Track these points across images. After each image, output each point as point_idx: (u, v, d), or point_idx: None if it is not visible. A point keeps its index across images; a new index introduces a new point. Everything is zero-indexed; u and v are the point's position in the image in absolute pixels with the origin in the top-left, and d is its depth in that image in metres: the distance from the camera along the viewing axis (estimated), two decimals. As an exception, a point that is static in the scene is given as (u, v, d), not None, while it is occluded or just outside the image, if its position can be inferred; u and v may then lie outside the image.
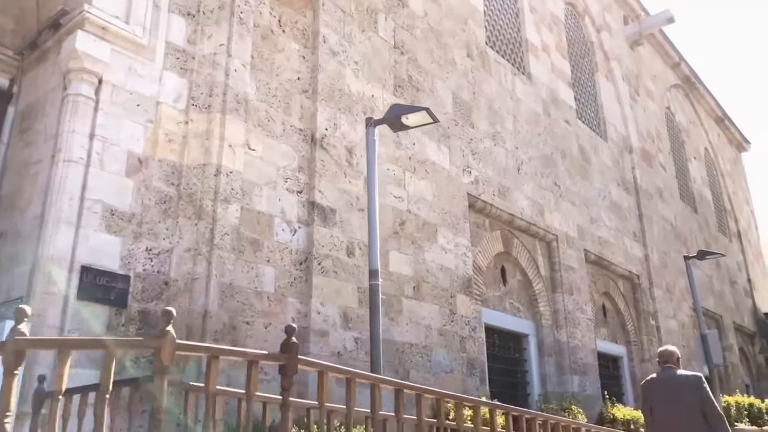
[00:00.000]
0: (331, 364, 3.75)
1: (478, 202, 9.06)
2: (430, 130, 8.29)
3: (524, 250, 10.09)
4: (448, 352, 7.48)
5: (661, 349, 5.83)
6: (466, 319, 8.01)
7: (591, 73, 14.32)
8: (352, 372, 3.70)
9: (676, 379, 5.35)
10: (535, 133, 10.97)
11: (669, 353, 5.58)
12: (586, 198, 12.02)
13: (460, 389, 7.47)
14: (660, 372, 5.55)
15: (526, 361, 9.74)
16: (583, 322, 10.62)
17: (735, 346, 17.94)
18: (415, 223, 7.56)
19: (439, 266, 7.75)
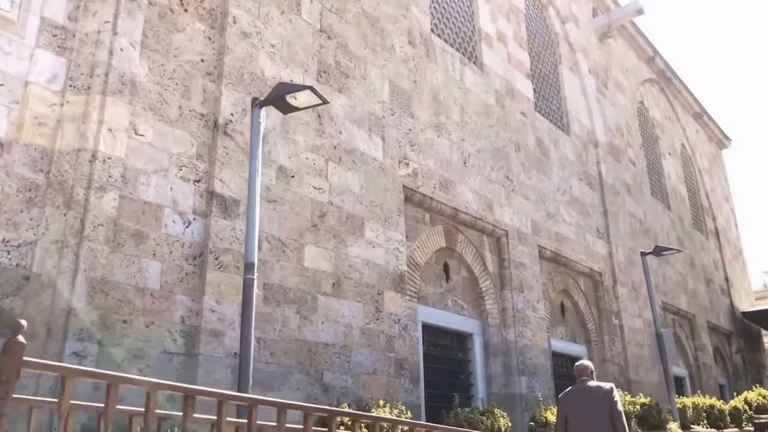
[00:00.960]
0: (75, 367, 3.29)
1: (416, 196, 8.65)
2: (361, 119, 7.89)
3: (470, 245, 9.69)
4: (372, 352, 7.07)
5: (576, 363, 6.35)
6: (396, 317, 7.59)
7: (554, 65, 13.93)
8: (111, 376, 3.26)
9: (588, 389, 5.90)
10: (485, 124, 10.57)
11: (584, 367, 6.16)
12: (543, 192, 11.63)
13: (384, 391, 7.07)
14: (575, 384, 6.09)
15: (470, 361, 9.33)
16: (534, 320, 10.22)
17: (708, 346, 17.58)
18: (337, 216, 7.15)
19: (365, 261, 7.33)
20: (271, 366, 5.98)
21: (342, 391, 6.54)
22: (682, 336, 16.62)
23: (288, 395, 5.97)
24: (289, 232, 6.53)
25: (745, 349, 20.61)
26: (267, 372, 5.93)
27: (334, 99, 7.60)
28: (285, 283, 6.32)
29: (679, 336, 16.47)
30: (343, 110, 7.67)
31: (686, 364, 16.54)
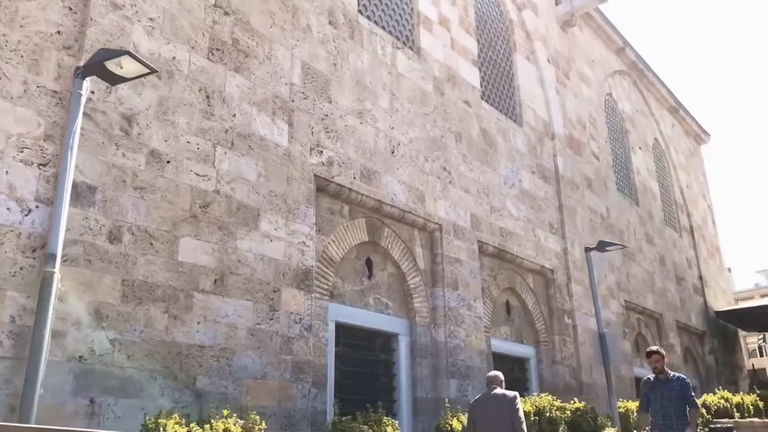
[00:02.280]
0: None
1: (332, 186, 8.05)
2: (262, 102, 7.30)
3: (398, 240, 9.10)
4: (262, 355, 6.47)
5: (488, 373, 7.13)
6: (298, 316, 7.00)
7: (507, 54, 13.34)
8: None
9: (494, 397, 6.51)
10: (420, 113, 9.97)
11: (494, 376, 6.86)
12: (487, 185, 11.03)
13: (275, 397, 6.49)
14: (485, 392, 6.80)
15: (394, 363, 8.75)
16: (469, 320, 9.63)
17: (677, 347, 17.00)
18: (226, 206, 6.55)
19: (259, 256, 6.74)
20: (129, 370, 5.38)
21: (220, 397, 5.95)
22: (648, 336, 16.04)
23: (149, 403, 5.39)
24: (160, 223, 5.93)
25: (719, 349, 20.03)
26: (122, 378, 5.34)
27: (229, 79, 7.01)
28: (151, 279, 5.72)
29: (645, 336, 15.90)
30: (239, 91, 7.07)
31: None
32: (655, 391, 6.95)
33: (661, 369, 6.99)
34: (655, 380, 7.03)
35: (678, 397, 6.78)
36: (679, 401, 6.76)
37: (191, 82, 6.59)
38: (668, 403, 6.76)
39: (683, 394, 6.79)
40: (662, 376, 6.96)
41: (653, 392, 6.96)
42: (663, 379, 6.94)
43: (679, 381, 6.88)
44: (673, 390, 6.80)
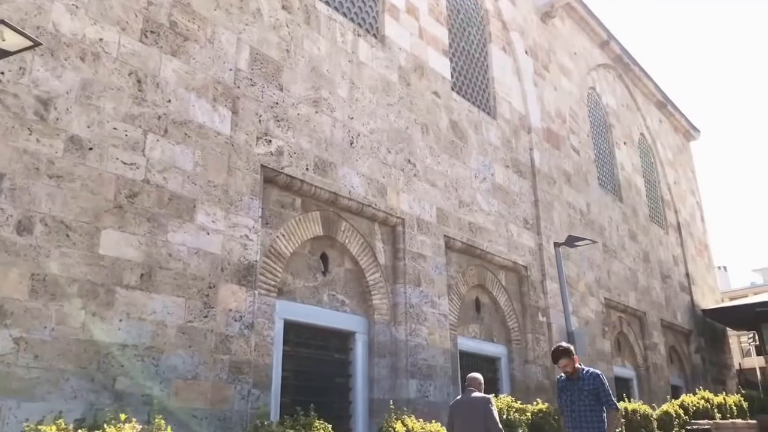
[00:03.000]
0: None
1: (281, 177, 7.69)
2: (202, 87, 6.93)
3: (356, 234, 8.73)
4: (194, 354, 6.11)
5: (468, 375, 7.11)
6: (237, 313, 6.63)
7: (482, 44, 12.97)
8: None
9: (471, 400, 6.69)
10: (383, 103, 9.60)
11: (473, 379, 6.98)
12: (456, 179, 10.67)
13: (210, 399, 6.12)
14: (463, 394, 6.97)
15: (351, 363, 8.39)
16: (432, 317, 9.27)
17: (661, 346, 16.65)
18: (156, 197, 6.18)
19: (194, 250, 6.37)
20: (35, 371, 5.01)
21: (144, 399, 5.59)
22: (630, 335, 15.69)
23: (59, 406, 5.02)
24: (79, 214, 5.56)
25: (706, 348, 19.68)
26: (29, 378, 4.97)
27: (165, 63, 6.63)
28: (67, 274, 5.35)
29: (627, 335, 15.55)
30: (176, 76, 6.70)
31: (634, 365, 15.61)
32: (565, 393, 6.15)
33: (572, 371, 6.14)
34: (566, 380, 6.20)
35: (590, 396, 5.96)
36: (592, 402, 5.94)
37: (120, 66, 6.22)
38: (579, 405, 5.97)
39: (596, 393, 5.95)
40: (573, 375, 6.15)
41: (564, 394, 6.16)
42: (574, 378, 6.12)
43: (591, 378, 6.02)
44: (583, 389, 5.98)
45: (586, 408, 5.92)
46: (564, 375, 6.19)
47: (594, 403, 5.92)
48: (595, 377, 6.01)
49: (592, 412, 5.90)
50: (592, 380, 5.99)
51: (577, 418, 5.96)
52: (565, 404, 6.13)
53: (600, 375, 6.04)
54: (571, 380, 6.10)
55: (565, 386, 6.17)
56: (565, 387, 6.16)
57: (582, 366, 6.16)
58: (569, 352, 6.13)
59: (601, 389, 5.94)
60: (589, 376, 6.03)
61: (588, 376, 6.04)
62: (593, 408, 5.91)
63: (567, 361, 6.08)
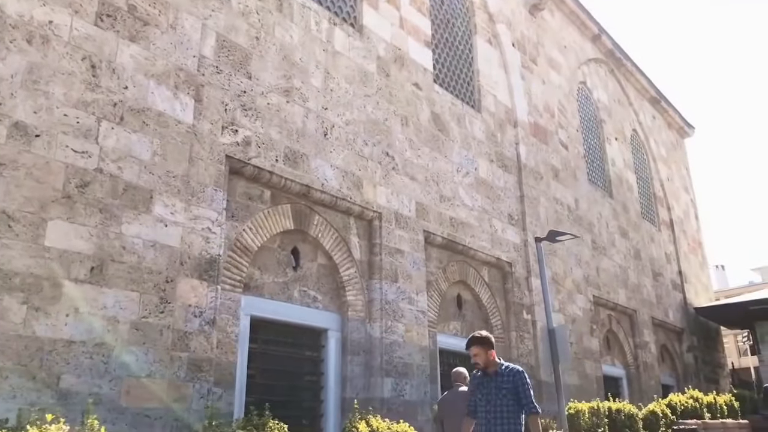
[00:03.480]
0: None
1: (249, 168, 7.42)
2: (163, 74, 6.66)
3: (330, 229, 8.47)
4: (148, 351, 5.84)
5: (453, 370, 7.25)
6: (197, 309, 6.37)
7: (467, 36, 12.70)
8: None
9: (458, 395, 6.74)
10: (360, 94, 9.34)
11: (458, 373, 7.11)
12: (437, 173, 10.41)
13: (166, 398, 5.86)
14: (450, 390, 7.04)
15: (323, 361, 8.12)
16: (410, 314, 9.01)
17: (651, 344, 16.39)
18: (110, 187, 5.91)
19: (150, 243, 6.10)
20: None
21: (92, 398, 5.29)
22: (620, 333, 15.43)
23: (-3, 405, 4.76)
24: (23, 204, 5.30)
25: (698, 347, 19.42)
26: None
27: (122, 48, 6.36)
28: (7, 266, 5.09)
29: (616, 333, 15.29)
30: (134, 62, 6.43)
31: (623, 364, 15.35)
32: (480, 390, 5.36)
33: (485, 364, 5.36)
34: (483, 375, 5.39)
35: (508, 396, 5.18)
36: (510, 402, 5.18)
37: (72, 50, 5.95)
38: (495, 405, 5.18)
39: (515, 393, 5.18)
40: (491, 370, 5.34)
41: (479, 391, 5.38)
42: (491, 374, 5.32)
43: (511, 375, 5.24)
44: (501, 387, 5.20)
45: (502, 408, 5.14)
46: (480, 371, 5.41)
47: (512, 403, 5.16)
48: (516, 374, 5.25)
49: (509, 413, 5.13)
50: (512, 377, 5.23)
51: (492, 419, 5.16)
52: (479, 403, 5.32)
53: (522, 372, 5.30)
54: (488, 376, 5.32)
55: (480, 383, 5.38)
56: (480, 383, 5.37)
57: (502, 361, 5.40)
58: (484, 341, 5.36)
59: (521, 388, 5.19)
60: (509, 373, 5.26)
61: (508, 372, 5.27)
62: (511, 409, 5.15)
63: (478, 351, 5.31)
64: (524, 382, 5.21)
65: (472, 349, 5.34)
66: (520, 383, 5.19)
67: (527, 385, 5.23)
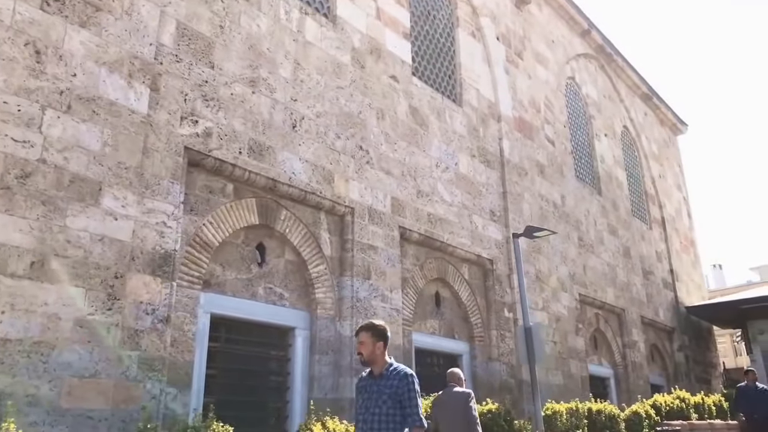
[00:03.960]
0: None
1: (209, 160, 7.16)
2: (116, 62, 6.40)
3: (299, 224, 8.21)
4: (94, 350, 5.58)
5: (448, 371, 7.25)
6: (150, 306, 6.11)
7: (449, 29, 12.43)
8: None
9: (453, 395, 6.85)
10: (333, 86, 9.08)
11: (452, 374, 7.12)
12: (414, 167, 10.15)
13: (112, 398, 5.60)
14: (444, 390, 7.02)
15: (289, 360, 7.86)
16: (383, 312, 8.75)
17: (640, 344, 16.13)
18: (54, 178, 5.65)
19: (98, 237, 5.84)
20: None
21: (29, 399, 5.06)
22: (608, 333, 15.17)
23: None
24: (-45, 194, 5.04)
25: (690, 346, 19.16)
26: None
27: (71, 34, 6.10)
28: (-64, 259, 4.83)
29: (604, 332, 15.03)
30: (84, 49, 6.17)
31: (611, 363, 15.09)
32: (362, 395, 4.43)
33: (369, 358, 4.38)
34: (368, 376, 4.47)
35: (390, 401, 4.22)
36: (392, 410, 4.21)
37: (15, 35, 5.69)
38: (374, 412, 4.24)
39: (399, 399, 4.21)
40: (376, 370, 4.38)
41: (361, 395, 4.45)
42: (376, 375, 4.38)
43: (396, 378, 4.27)
44: (383, 391, 4.25)
45: (380, 417, 4.19)
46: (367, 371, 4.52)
47: (393, 413, 4.19)
48: (402, 377, 4.26)
49: (387, 423, 4.17)
50: (397, 380, 4.26)
51: (368, 429, 4.22)
52: (360, 409, 4.40)
53: (410, 376, 4.28)
54: (372, 378, 4.41)
55: (365, 386, 4.45)
56: (364, 387, 4.45)
57: (392, 361, 4.43)
58: (375, 329, 4.42)
59: (406, 395, 4.21)
60: (394, 375, 4.29)
61: (394, 374, 4.29)
62: (390, 419, 4.18)
63: (365, 339, 4.40)
64: (410, 388, 4.22)
65: (360, 335, 4.44)
66: (405, 389, 4.21)
67: (414, 392, 4.23)
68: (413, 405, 4.20)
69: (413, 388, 4.25)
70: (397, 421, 4.16)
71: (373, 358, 4.37)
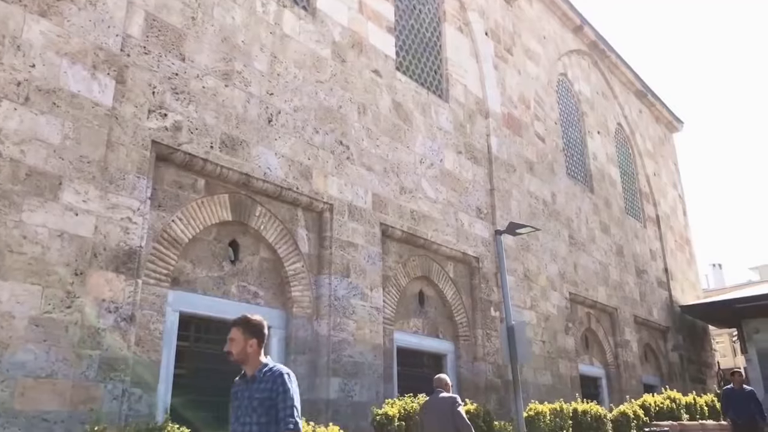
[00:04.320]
0: None
1: (179, 155, 6.97)
2: (79, 53, 6.21)
3: (274, 220, 8.02)
4: (50, 349, 5.40)
5: (435, 376, 7.28)
6: (112, 304, 5.92)
7: (435, 23, 12.24)
8: None
9: (439, 400, 6.89)
10: (311, 80, 8.89)
11: (439, 380, 7.18)
12: (397, 163, 9.96)
13: (70, 400, 5.42)
14: (432, 395, 7.05)
15: (264, 360, 7.66)
16: (362, 310, 8.57)
17: (633, 343, 15.94)
18: (9, 172, 5.47)
19: (57, 232, 5.65)
20: None
21: (-21, 400, 4.88)
22: (600, 332, 14.98)
23: None
24: None
25: (685, 346, 18.95)
26: None
27: (30, 24, 5.91)
28: None
29: (595, 332, 14.84)
30: (44, 39, 5.98)
31: (603, 363, 14.89)
32: (235, 401, 3.74)
33: (239, 357, 3.73)
34: (242, 379, 3.77)
35: (261, 408, 3.55)
36: (263, 418, 3.52)
37: (-31, 23, 5.51)
38: (243, 423, 3.57)
39: (272, 404, 3.54)
40: (249, 372, 3.71)
41: (233, 403, 3.76)
42: (249, 378, 3.69)
43: (270, 378, 3.60)
44: (254, 397, 3.58)
45: (252, 426, 3.52)
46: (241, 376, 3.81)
47: (266, 420, 3.52)
48: (275, 378, 3.59)
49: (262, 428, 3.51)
50: (270, 383, 3.58)
51: None
52: (232, 418, 3.71)
53: (284, 375, 3.61)
54: (245, 382, 3.72)
55: (236, 391, 3.75)
56: (236, 393, 3.75)
57: (268, 361, 3.74)
58: (247, 324, 3.76)
59: (279, 398, 3.54)
60: (268, 377, 3.61)
61: (267, 376, 3.62)
62: (264, 428, 3.51)
63: (236, 335, 3.74)
64: (285, 388, 3.55)
65: (231, 332, 3.76)
66: (279, 390, 3.54)
67: (288, 391, 3.55)
68: (287, 406, 3.51)
69: (287, 388, 3.56)
70: (271, 431, 3.49)
71: (243, 357, 3.71)
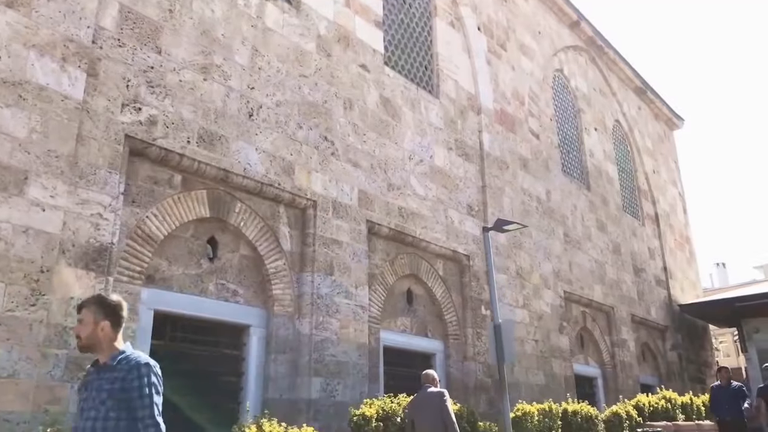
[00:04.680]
0: None
1: (153, 150, 6.82)
2: (47, 45, 6.06)
3: (255, 217, 7.86)
4: (13, 348, 5.25)
5: (423, 372, 7.26)
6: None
7: (426, 18, 12.07)
8: None
9: (427, 395, 6.92)
10: (295, 74, 8.73)
11: (427, 375, 7.18)
12: (384, 160, 9.79)
13: (33, 400, 5.28)
14: (419, 391, 7.05)
15: (244, 360, 7.52)
16: (347, 309, 8.40)
17: (630, 342, 15.73)
18: (-28, 166, 5.32)
19: (22, 228, 5.51)
20: None
21: (-64, 401, 4.73)
22: (596, 331, 14.78)
23: None
24: None
25: (684, 345, 18.73)
26: None
27: (-4, 15, 5.77)
28: None
29: (591, 331, 14.64)
30: (11, 30, 5.83)
31: (599, 363, 14.69)
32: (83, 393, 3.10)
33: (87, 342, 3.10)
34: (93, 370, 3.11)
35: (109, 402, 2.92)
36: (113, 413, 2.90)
37: (-70, 14, 5.36)
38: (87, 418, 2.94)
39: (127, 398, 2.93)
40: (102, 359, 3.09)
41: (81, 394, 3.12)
42: (101, 366, 3.07)
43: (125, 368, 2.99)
44: (103, 388, 2.95)
45: (97, 421, 2.90)
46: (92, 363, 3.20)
47: (116, 416, 2.91)
48: (131, 369, 2.98)
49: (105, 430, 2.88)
50: (125, 372, 2.98)
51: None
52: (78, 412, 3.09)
53: (144, 366, 2.99)
54: (97, 371, 3.09)
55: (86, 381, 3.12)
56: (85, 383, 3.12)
57: (126, 348, 3.12)
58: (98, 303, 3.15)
59: (136, 392, 2.94)
60: (123, 365, 3.01)
61: (123, 364, 3.01)
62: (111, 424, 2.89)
63: (85, 316, 3.11)
64: (144, 382, 2.94)
65: (81, 312, 3.15)
66: (135, 384, 2.94)
67: (148, 386, 2.95)
68: (146, 405, 2.91)
69: (148, 382, 2.96)
70: (121, 427, 2.88)
71: (93, 342, 3.09)
